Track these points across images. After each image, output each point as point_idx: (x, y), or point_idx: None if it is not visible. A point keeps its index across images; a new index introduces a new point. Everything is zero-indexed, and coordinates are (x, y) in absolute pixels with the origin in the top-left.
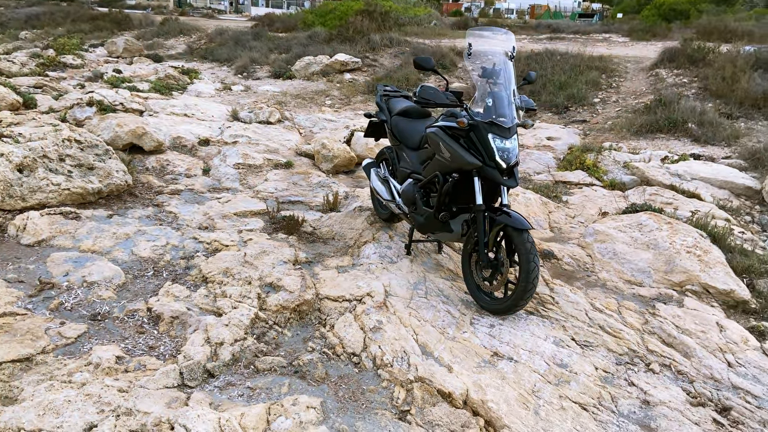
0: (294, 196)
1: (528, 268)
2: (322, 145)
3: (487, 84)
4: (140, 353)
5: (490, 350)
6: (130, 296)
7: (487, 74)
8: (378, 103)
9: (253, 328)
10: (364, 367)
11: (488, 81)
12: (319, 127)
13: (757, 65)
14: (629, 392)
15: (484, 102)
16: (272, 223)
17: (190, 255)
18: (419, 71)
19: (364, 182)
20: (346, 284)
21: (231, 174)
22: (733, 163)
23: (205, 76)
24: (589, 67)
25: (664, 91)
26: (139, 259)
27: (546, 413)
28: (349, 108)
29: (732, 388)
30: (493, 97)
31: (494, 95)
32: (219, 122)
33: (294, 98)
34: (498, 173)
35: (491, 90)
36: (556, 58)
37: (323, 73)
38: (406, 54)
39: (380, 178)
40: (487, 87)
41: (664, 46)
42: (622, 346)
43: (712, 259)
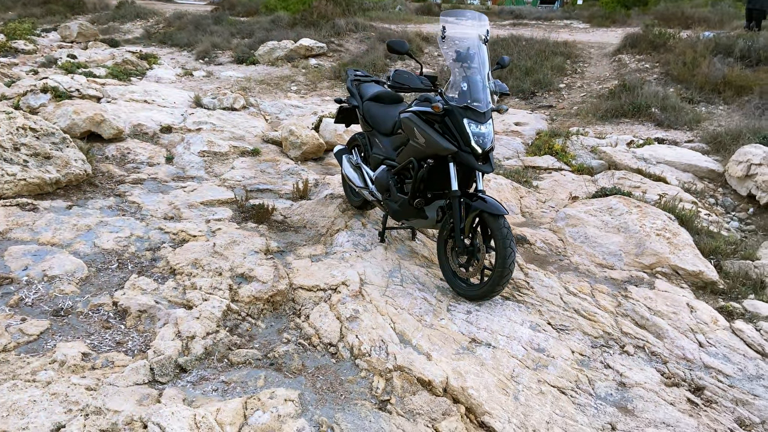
0: (262, 184)
1: (504, 254)
2: (290, 131)
3: (461, 68)
4: (107, 349)
5: (468, 337)
6: (94, 290)
7: (461, 58)
8: (349, 89)
9: (225, 321)
10: (342, 357)
11: (462, 65)
12: (286, 113)
13: (716, 50)
14: (605, 375)
15: (458, 86)
16: (241, 212)
17: (155, 246)
18: (388, 56)
19: (334, 169)
20: (320, 273)
21: (196, 162)
22: (695, 147)
23: (165, 61)
24: (554, 53)
25: (628, 76)
26: (102, 252)
27: (525, 398)
28: (315, 94)
29: (704, 367)
30: (467, 81)
31: (469, 80)
32: (181, 109)
33: (258, 84)
34: (473, 159)
35: (466, 74)
36: (521, 44)
37: (288, 59)
38: (372, 39)
39: (352, 165)
40: (461, 71)
41: (624, 32)
42: (597, 329)
43: (681, 242)
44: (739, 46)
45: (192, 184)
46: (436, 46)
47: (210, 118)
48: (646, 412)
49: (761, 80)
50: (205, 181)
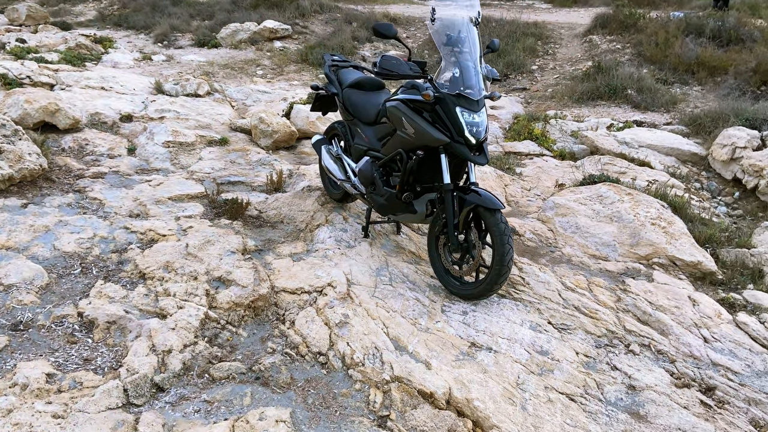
0: (233, 176)
1: (503, 251)
2: (260, 119)
3: (452, 53)
4: (74, 368)
5: (466, 341)
6: (56, 299)
7: (451, 42)
8: (327, 75)
9: (203, 330)
10: (333, 367)
11: (453, 49)
12: (253, 99)
13: (687, 30)
14: (614, 377)
15: (450, 72)
16: (213, 207)
17: (122, 248)
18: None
19: (308, 159)
20: (304, 274)
21: (160, 153)
22: (675, 129)
23: (121, 45)
24: (525, 34)
25: (600, 57)
26: (63, 255)
27: (534, 408)
28: (282, 78)
29: (712, 365)
30: (459, 67)
31: (461, 65)
32: (141, 96)
33: (222, 68)
34: (467, 150)
35: (457, 59)
36: (491, 25)
37: (252, 41)
38: (338, 21)
39: (332, 156)
40: (452, 56)
41: (587, 12)
42: (600, 327)
43: (677, 231)
44: (709, 26)
45: (158, 177)
46: (404, 27)
47: (173, 105)
48: (660, 417)
49: (734, 61)
50: (172, 173)
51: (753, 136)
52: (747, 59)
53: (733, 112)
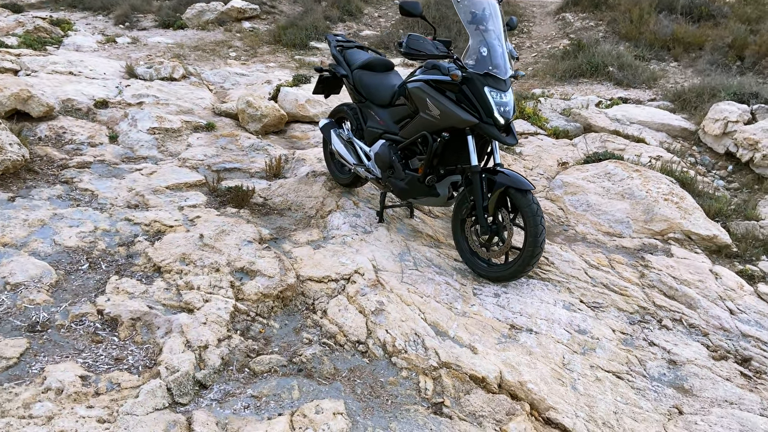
0: (228, 163)
1: (536, 232)
2: (248, 103)
3: (477, 31)
4: (105, 368)
5: (505, 323)
6: (70, 297)
7: (476, 20)
8: (335, 56)
9: (234, 324)
10: (374, 355)
11: (479, 27)
12: (231, 82)
13: (659, 7)
14: (653, 353)
15: (477, 51)
16: (216, 196)
17: (128, 241)
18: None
19: (299, 143)
20: (328, 262)
21: (145, 140)
22: (661, 105)
23: (80, 27)
24: None
25: (574, 35)
26: (66, 250)
27: (584, 387)
28: (257, 60)
29: (742, 336)
30: (487, 45)
31: (488, 44)
32: (114, 80)
33: (193, 50)
34: (497, 130)
35: (484, 38)
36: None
37: (219, 22)
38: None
39: (343, 140)
40: (478, 35)
41: None
42: (632, 304)
43: (689, 206)
44: (681, 2)
45: (148, 165)
46: (375, 6)
47: (150, 90)
48: (705, 390)
49: (707, 36)
50: (162, 161)
51: (743, 110)
52: (722, 35)
53: (717, 87)
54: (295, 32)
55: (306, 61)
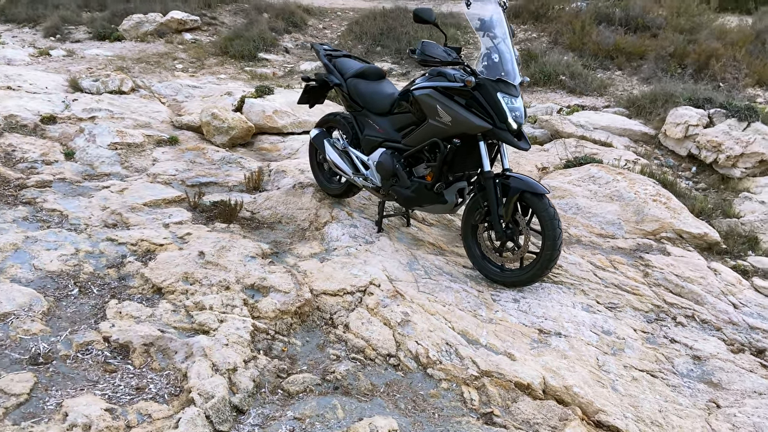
0: (202, 177)
1: (554, 235)
2: (213, 115)
3: (487, 37)
4: (128, 399)
5: (533, 328)
6: (68, 325)
7: (485, 27)
8: (326, 65)
9: (255, 343)
10: (408, 368)
11: (487, 34)
12: (184, 95)
13: (598, 19)
14: (677, 350)
15: (488, 57)
16: (200, 211)
17: (116, 262)
18: (274, 29)
19: (270, 155)
20: (339, 274)
21: (106, 156)
22: (617, 112)
23: (7, 39)
24: (444, 24)
25: (520, 45)
26: (50, 275)
27: (624, 388)
28: (207, 72)
29: (750, 329)
30: (498, 51)
31: (499, 50)
32: (58, 94)
33: (136, 63)
34: (511, 136)
35: (494, 44)
36: (408, 16)
37: (159, 33)
38: (248, 11)
39: (338, 150)
40: (488, 41)
41: (456, 3)
42: (645, 303)
43: (677, 206)
44: (618, 15)
45: (116, 182)
46: (319, 18)
47: (100, 104)
48: (734, 383)
49: (647, 46)
50: (128, 177)
51: (702, 114)
52: (662, 44)
53: (671, 93)
54: (243, 44)
55: (257, 72)
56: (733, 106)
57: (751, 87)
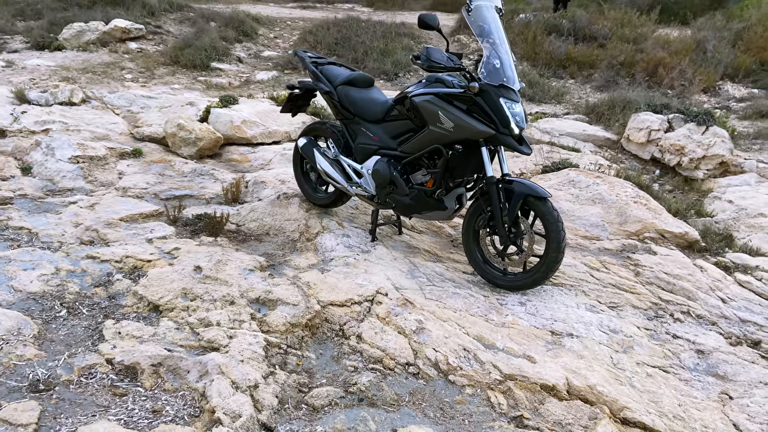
0: (176, 190)
1: (558, 237)
2: (179, 126)
3: (488, 43)
4: (147, 422)
5: (545, 330)
6: (64, 348)
7: (485, 33)
8: (314, 72)
9: (269, 358)
10: (428, 376)
11: (488, 40)
12: (139, 105)
13: (547, 30)
14: (681, 345)
15: (490, 63)
16: (184, 225)
17: (103, 281)
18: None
19: (241, 166)
20: (344, 285)
21: (68, 170)
22: (577, 118)
23: None
24: (398, 34)
25: (473, 56)
26: (31, 297)
27: (641, 384)
28: (159, 82)
29: (741, 322)
30: (499, 57)
31: (500, 56)
32: (4, 107)
33: (82, 73)
34: (513, 141)
35: (495, 50)
36: (361, 25)
37: (102, 43)
38: (194, 20)
39: (328, 159)
40: (489, 47)
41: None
42: (644, 301)
43: (656, 207)
44: (566, 26)
45: (82, 197)
46: (269, 27)
47: (51, 116)
48: (739, 375)
49: (596, 56)
50: (94, 192)
51: (662, 119)
52: (612, 54)
53: (628, 100)
54: (194, 53)
55: (213, 82)
56: (690, 112)
57: (698, 93)
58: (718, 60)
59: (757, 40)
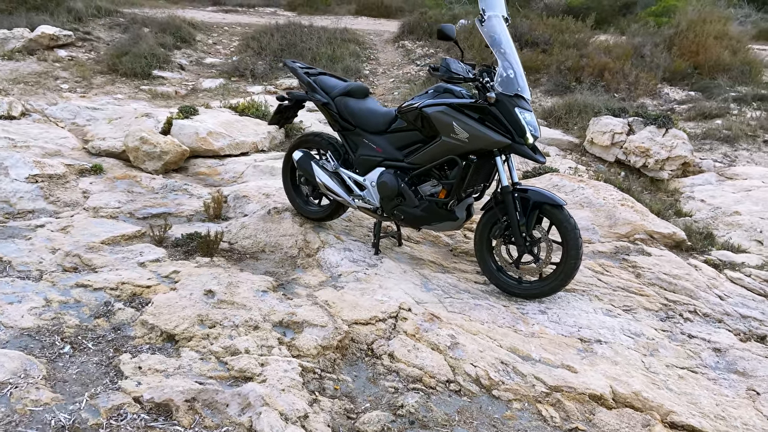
0: (151, 208)
1: (577, 245)
2: (142, 139)
3: (500, 54)
4: None
5: (573, 338)
6: (80, 389)
7: (496, 43)
8: (309, 83)
9: (306, 385)
10: (470, 392)
11: (499, 50)
12: (84, 118)
13: None
14: (699, 345)
15: (504, 73)
16: (173, 246)
17: (103, 311)
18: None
19: (211, 179)
20: (364, 302)
21: (26, 190)
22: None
23: None
24: (345, 40)
25: (420, 61)
26: (27, 333)
27: (676, 386)
28: (100, 92)
29: (742, 318)
30: (512, 67)
31: (513, 66)
32: None
33: (12, 83)
34: (529, 150)
35: (508, 60)
36: (304, 31)
37: (29, 51)
38: (126, 25)
39: (328, 172)
40: (502, 57)
41: (337, 19)
42: (654, 303)
43: (641, 209)
44: None
45: (50, 220)
46: (206, 33)
47: None
48: (758, 370)
49: (542, 61)
50: (59, 214)
51: (623, 122)
52: (559, 59)
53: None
54: (133, 60)
55: (158, 91)
56: (649, 115)
57: (642, 97)
58: (657, 64)
59: (689, 45)
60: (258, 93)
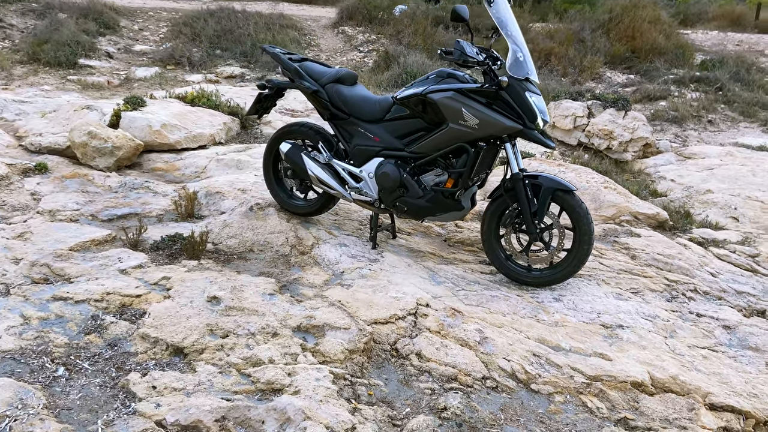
0: (114, 209)
1: (589, 230)
2: (90, 134)
3: (509, 37)
4: None
5: (595, 324)
6: (89, 416)
7: (503, 25)
8: (296, 70)
9: (340, 393)
10: (508, 388)
11: (508, 33)
12: (13, 112)
13: (435, 22)
14: (709, 323)
15: (514, 57)
16: (154, 249)
17: (92, 326)
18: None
19: (170, 176)
20: (380, 300)
21: None
22: None
23: None
24: (283, 26)
25: (362, 47)
26: (9, 356)
27: (704, 367)
28: (23, 83)
29: (737, 293)
30: (522, 51)
31: (522, 49)
32: None
33: None
34: (540, 135)
35: (516, 43)
36: (238, 17)
37: None
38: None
39: (320, 164)
40: (510, 40)
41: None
42: (657, 284)
43: (624, 191)
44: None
45: (2, 227)
46: (130, 19)
47: None
48: None
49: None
50: (10, 219)
51: (583, 106)
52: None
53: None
54: (55, 48)
55: (88, 81)
56: (606, 98)
57: (588, 81)
58: (597, 49)
59: (625, 30)
60: (198, 82)
